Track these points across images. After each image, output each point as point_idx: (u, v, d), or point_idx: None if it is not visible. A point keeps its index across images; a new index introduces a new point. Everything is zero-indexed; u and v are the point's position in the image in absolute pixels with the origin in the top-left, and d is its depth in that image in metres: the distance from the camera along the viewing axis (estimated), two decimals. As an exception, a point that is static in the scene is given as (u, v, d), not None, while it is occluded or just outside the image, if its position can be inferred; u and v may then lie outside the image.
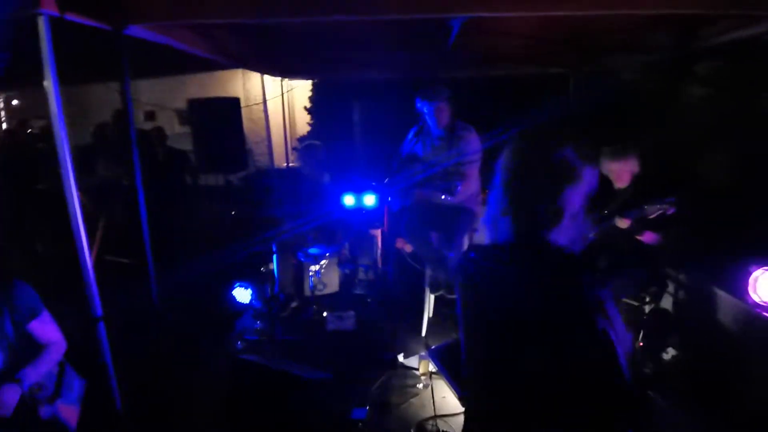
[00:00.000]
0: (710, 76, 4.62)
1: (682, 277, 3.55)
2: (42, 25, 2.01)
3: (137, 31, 2.44)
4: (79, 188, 2.27)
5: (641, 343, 3.37)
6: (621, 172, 3.40)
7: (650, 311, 3.41)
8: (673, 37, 3.43)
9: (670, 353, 3.36)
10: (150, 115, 8.69)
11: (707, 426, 2.60)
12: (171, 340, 2.80)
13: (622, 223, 3.25)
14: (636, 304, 3.41)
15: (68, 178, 2.25)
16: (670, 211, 3.02)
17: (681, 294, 3.53)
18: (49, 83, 2.09)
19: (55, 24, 2.06)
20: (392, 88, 5.20)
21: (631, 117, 4.95)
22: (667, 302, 3.60)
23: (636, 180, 3.39)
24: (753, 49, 3.79)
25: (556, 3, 2.17)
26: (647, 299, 3.41)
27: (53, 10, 1.99)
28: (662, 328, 3.40)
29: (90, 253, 2.39)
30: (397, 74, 4.89)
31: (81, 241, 2.33)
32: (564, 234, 1.36)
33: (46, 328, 2.14)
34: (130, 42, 2.46)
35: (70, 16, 2.07)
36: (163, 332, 2.77)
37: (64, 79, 2.12)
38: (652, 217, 3.09)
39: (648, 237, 3.25)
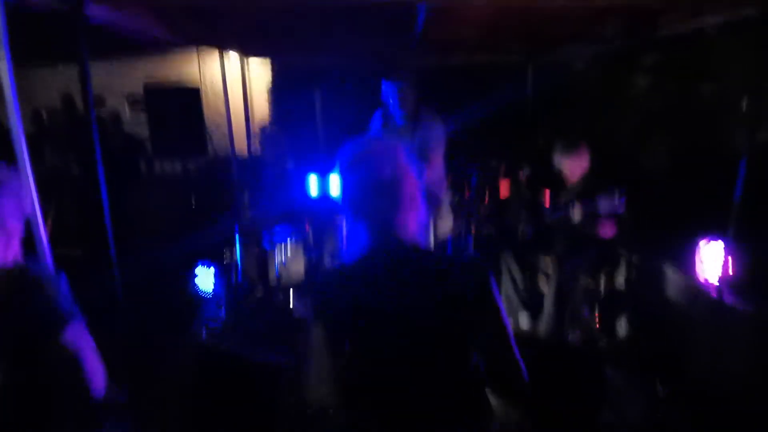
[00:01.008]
0: (655, 67, 4.84)
1: (634, 257, 3.75)
2: (-5, 5, 1.90)
3: (96, 11, 2.34)
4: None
5: (597, 321, 3.56)
6: (573, 166, 3.54)
7: (605, 290, 3.59)
8: (624, 28, 3.56)
9: (624, 329, 3.56)
10: (98, 101, 8.29)
11: (660, 398, 2.79)
12: (135, 332, 2.74)
13: (576, 215, 3.39)
14: (591, 283, 3.59)
15: (25, 167, 2.15)
16: (620, 210, 3.15)
17: (633, 273, 3.73)
18: (3, 66, 1.99)
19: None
20: (354, 75, 5.18)
21: (582, 107, 5.14)
22: (620, 281, 3.80)
23: (588, 174, 3.53)
24: (695, 42, 4.01)
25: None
26: (602, 279, 3.59)
27: (7, -10, 1.89)
28: (616, 306, 3.59)
29: (50, 245, 2.30)
30: (359, 60, 4.88)
31: (40, 233, 2.24)
32: (412, 220, 1.32)
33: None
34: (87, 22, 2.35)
35: (25, -4, 1.97)
36: (126, 325, 2.70)
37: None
38: (603, 214, 3.22)
39: (603, 232, 3.39)
